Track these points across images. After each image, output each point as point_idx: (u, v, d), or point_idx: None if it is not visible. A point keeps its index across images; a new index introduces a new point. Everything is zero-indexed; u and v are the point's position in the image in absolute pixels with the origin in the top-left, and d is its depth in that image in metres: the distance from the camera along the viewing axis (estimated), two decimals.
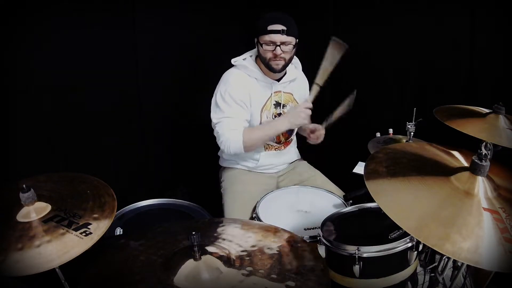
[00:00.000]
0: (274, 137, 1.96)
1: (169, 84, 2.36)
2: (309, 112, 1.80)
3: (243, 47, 1.97)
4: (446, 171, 1.10)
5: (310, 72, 2.18)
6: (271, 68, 1.83)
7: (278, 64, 1.81)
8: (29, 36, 1.74)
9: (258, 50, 1.85)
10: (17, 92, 1.78)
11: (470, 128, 1.50)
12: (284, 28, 1.75)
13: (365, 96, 2.56)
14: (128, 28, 2.11)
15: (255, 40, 1.84)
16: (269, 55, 1.79)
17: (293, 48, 1.82)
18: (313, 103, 1.80)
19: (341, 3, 2.54)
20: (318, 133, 1.94)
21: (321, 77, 1.80)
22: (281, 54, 1.78)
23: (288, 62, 1.85)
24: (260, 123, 1.91)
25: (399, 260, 1.31)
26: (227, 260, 1.03)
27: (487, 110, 1.65)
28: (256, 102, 1.89)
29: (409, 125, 1.82)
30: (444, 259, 1.54)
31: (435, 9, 2.15)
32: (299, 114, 1.79)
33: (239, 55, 1.93)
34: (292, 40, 1.79)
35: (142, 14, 2.14)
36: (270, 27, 1.75)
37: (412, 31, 2.25)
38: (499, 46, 2.02)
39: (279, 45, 1.76)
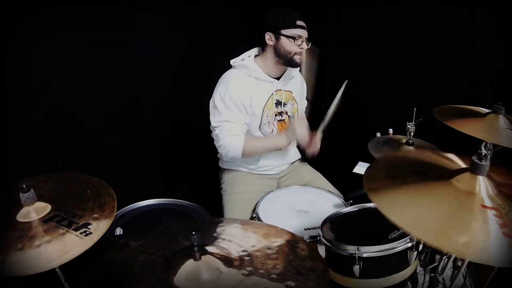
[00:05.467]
0: (272, 151, 1.97)
1: (169, 84, 2.36)
2: (304, 129, 1.85)
3: (243, 47, 1.97)
4: (446, 174, 1.10)
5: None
6: (293, 63, 1.84)
7: (301, 58, 1.83)
8: (29, 36, 1.74)
9: (276, 44, 1.81)
10: (17, 92, 1.78)
11: (470, 128, 1.50)
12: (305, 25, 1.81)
13: (365, 96, 2.58)
14: (128, 28, 2.11)
15: (269, 35, 1.81)
16: (295, 49, 1.80)
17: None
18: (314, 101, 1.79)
19: (341, 3, 2.54)
20: (314, 141, 1.92)
21: (309, 91, 1.91)
22: (305, 49, 1.81)
23: None
24: (261, 122, 1.91)
25: (399, 260, 1.31)
26: (227, 260, 1.03)
27: (487, 110, 1.65)
28: (258, 101, 1.88)
29: (409, 125, 1.82)
30: (444, 259, 1.54)
31: (435, 9, 2.15)
32: (294, 129, 1.83)
33: (239, 55, 1.93)
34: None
35: (142, 14, 2.14)
36: (299, 22, 1.79)
37: (412, 31, 2.25)
38: (499, 46, 2.02)
39: (304, 40, 1.80)
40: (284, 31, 1.78)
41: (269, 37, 1.82)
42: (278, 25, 1.79)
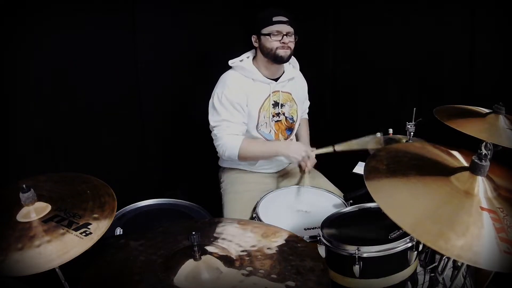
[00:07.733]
0: (269, 158, 1.97)
1: (169, 84, 2.36)
2: (306, 160, 1.84)
3: (243, 47, 1.97)
4: (446, 171, 1.10)
5: (309, 72, 2.19)
6: (278, 58, 1.84)
7: (286, 52, 1.83)
8: (29, 36, 1.74)
9: (260, 45, 1.86)
10: (17, 92, 1.78)
11: (470, 128, 1.50)
12: (287, 19, 1.81)
13: (365, 96, 2.58)
14: (128, 28, 2.11)
15: (254, 37, 1.87)
16: (276, 44, 1.81)
17: (294, 39, 1.86)
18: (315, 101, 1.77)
19: (341, 3, 2.54)
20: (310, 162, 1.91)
21: (342, 147, 1.86)
22: (288, 42, 1.82)
23: (291, 53, 1.88)
24: (258, 123, 1.91)
25: (399, 260, 1.31)
26: (227, 260, 1.03)
27: (487, 110, 1.65)
28: (254, 103, 1.89)
29: (409, 125, 1.82)
30: (444, 259, 1.54)
31: (435, 9, 2.15)
32: (298, 154, 1.82)
33: (239, 55, 1.94)
34: (293, 31, 1.84)
35: (142, 14, 2.14)
36: (276, 18, 1.80)
37: (412, 31, 2.25)
38: (499, 46, 2.02)
39: (285, 35, 1.80)
40: (263, 30, 1.83)
41: (254, 40, 1.88)
42: (258, 26, 1.85)
